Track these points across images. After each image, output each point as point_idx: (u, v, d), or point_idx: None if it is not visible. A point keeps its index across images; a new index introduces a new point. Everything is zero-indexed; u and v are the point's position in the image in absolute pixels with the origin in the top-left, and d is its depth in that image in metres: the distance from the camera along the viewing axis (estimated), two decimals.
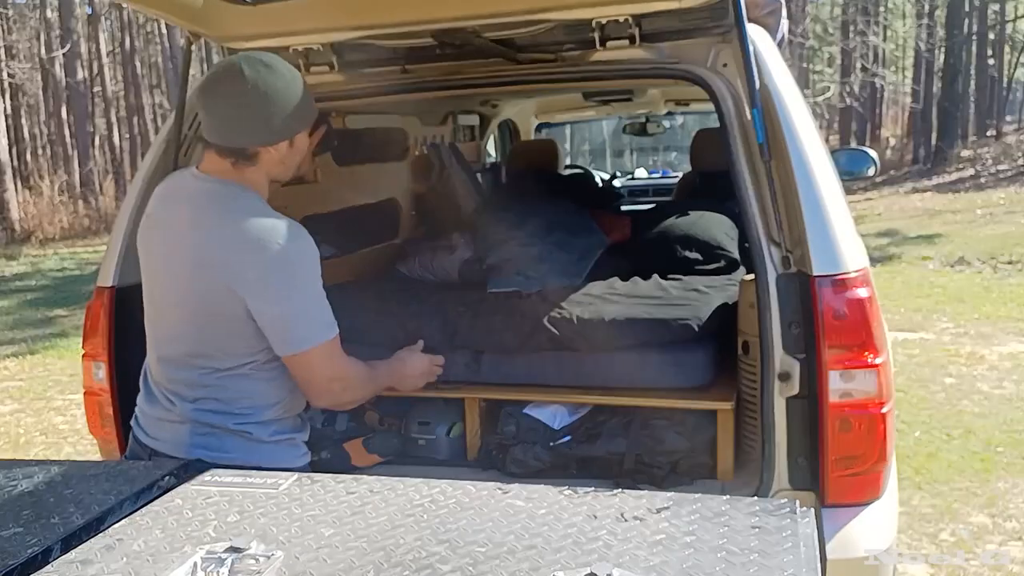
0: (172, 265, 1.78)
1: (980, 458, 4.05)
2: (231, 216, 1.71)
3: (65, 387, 6.27)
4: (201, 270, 1.71)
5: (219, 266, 1.69)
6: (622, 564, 1.09)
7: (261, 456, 1.77)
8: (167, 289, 1.80)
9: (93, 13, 24.33)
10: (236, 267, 1.68)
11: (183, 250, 1.75)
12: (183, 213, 1.77)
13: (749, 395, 2.22)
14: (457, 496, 1.34)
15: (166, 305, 1.81)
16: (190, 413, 1.77)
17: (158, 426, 1.84)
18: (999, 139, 22.74)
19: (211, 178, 1.76)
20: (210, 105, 1.72)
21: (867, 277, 1.88)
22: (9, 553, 1.17)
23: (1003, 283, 8.26)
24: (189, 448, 1.76)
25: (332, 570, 1.11)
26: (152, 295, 1.85)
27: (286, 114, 1.72)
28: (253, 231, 1.69)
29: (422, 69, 2.38)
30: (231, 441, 1.77)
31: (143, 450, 1.85)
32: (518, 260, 2.76)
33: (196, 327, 1.75)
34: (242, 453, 1.76)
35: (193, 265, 1.72)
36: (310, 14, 2.14)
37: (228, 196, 1.74)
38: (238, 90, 1.67)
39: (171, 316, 1.80)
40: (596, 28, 2.15)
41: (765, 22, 2.37)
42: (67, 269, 13.08)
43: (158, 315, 1.84)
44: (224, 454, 1.75)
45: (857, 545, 1.85)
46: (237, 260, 1.68)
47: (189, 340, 1.77)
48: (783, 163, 1.94)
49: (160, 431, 1.83)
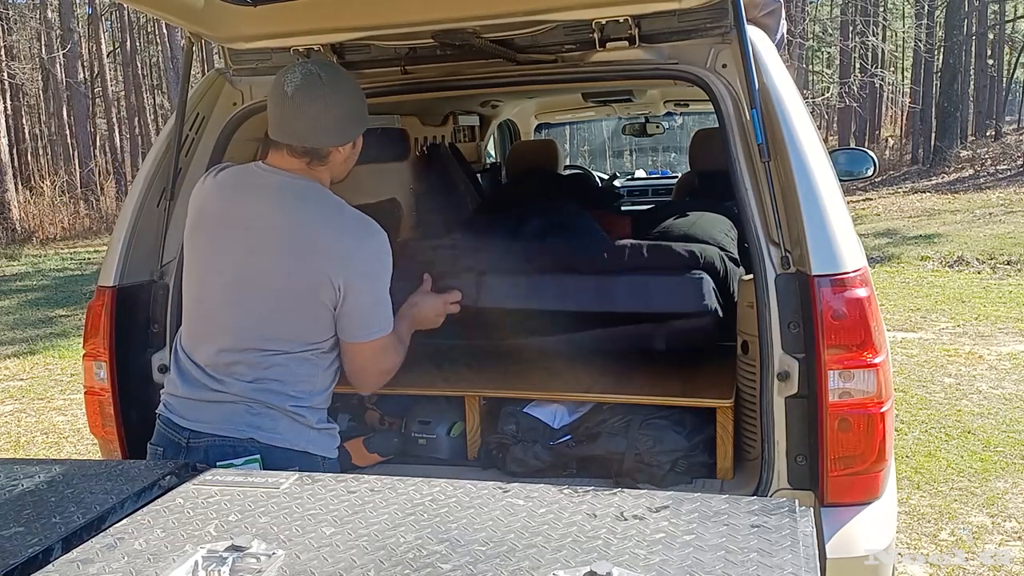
0: (256, 250, 1.84)
1: (979, 458, 4.05)
2: (327, 206, 1.84)
3: (66, 387, 6.27)
4: (297, 255, 1.80)
5: (322, 252, 1.80)
6: (622, 563, 1.09)
7: (308, 441, 1.85)
8: (245, 274, 1.84)
9: (93, 13, 24.35)
10: (341, 253, 1.80)
11: (272, 236, 1.82)
12: (268, 202, 1.85)
13: (748, 394, 2.22)
14: (457, 495, 1.34)
15: (241, 289, 1.85)
16: (249, 392, 1.82)
17: (201, 408, 1.86)
18: (998, 139, 22.75)
19: (286, 172, 1.86)
20: (290, 107, 1.81)
21: (866, 277, 1.89)
22: (10, 552, 1.17)
23: (1002, 283, 8.26)
24: (241, 427, 1.81)
25: (333, 569, 1.12)
26: (213, 281, 1.89)
27: (354, 116, 1.89)
28: (356, 222, 1.85)
29: (422, 70, 2.39)
30: (284, 422, 1.83)
31: (179, 434, 1.86)
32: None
33: (277, 310, 1.82)
34: (292, 435, 1.83)
35: (286, 251, 1.81)
36: (311, 15, 2.15)
37: (312, 189, 1.85)
38: (319, 94, 1.80)
39: (247, 299, 1.84)
40: (596, 29, 2.15)
41: (764, 23, 2.37)
42: (68, 269, 13.08)
43: (226, 298, 1.87)
44: (276, 435, 1.81)
45: (856, 545, 1.85)
46: (343, 247, 1.81)
47: (266, 323, 1.83)
48: (782, 163, 1.94)
49: (204, 413, 1.85)
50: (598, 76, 2.31)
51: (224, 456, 1.80)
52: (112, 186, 19.61)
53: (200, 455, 1.82)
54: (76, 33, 21.40)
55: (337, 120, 1.85)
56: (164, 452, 1.88)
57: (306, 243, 1.80)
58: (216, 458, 1.79)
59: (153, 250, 2.39)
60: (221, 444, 1.82)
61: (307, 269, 1.80)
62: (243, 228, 1.86)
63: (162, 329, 2.36)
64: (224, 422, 1.83)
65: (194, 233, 1.95)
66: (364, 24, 2.19)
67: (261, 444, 1.81)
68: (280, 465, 1.79)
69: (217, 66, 2.59)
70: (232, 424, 1.82)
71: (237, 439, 1.81)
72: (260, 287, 1.83)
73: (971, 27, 23.30)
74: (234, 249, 1.86)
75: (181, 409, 1.89)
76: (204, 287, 1.92)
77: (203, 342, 1.90)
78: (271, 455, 1.81)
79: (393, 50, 2.35)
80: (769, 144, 1.94)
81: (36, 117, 27.86)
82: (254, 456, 1.80)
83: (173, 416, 1.90)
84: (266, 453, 1.81)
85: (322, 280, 1.80)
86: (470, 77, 2.37)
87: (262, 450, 1.81)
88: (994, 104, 26.18)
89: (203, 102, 2.48)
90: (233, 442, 1.81)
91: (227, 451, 1.81)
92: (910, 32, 26.83)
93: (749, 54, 1.95)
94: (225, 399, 1.84)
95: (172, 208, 2.40)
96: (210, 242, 1.91)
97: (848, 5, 23.87)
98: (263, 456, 1.80)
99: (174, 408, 1.90)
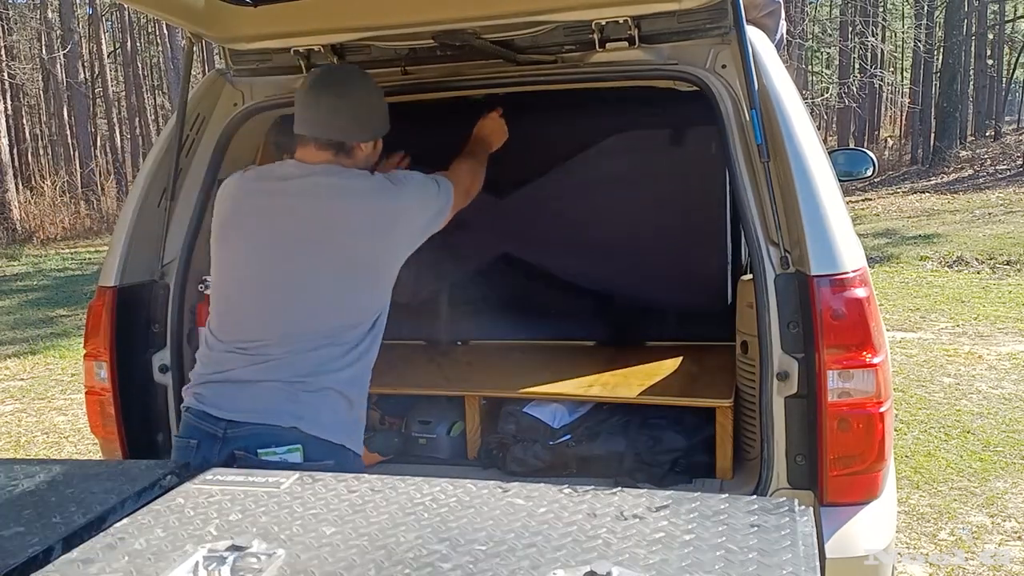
0: (292, 242, 1.90)
1: (979, 458, 4.06)
2: (355, 181, 1.93)
3: (66, 387, 6.28)
4: (336, 243, 1.88)
5: (384, 229, 1.90)
6: (622, 562, 1.09)
7: (347, 435, 1.89)
8: (282, 267, 1.90)
9: (94, 13, 24.34)
10: (384, 222, 1.90)
11: (309, 227, 1.89)
12: (300, 194, 1.92)
13: (748, 394, 2.23)
14: (458, 495, 1.35)
15: (278, 282, 1.90)
16: (291, 379, 1.84)
17: (240, 396, 1.86)
18: (997, 139, 22.73)
19: (319, 165, 1.94)
20: (316, 103, 1.94)
21: (865, 277, 1.89)
22: (10, 552, 1.17)
23: (1001, 283, 8.26)
24: (283, 415, 1.82)
25: (333, 568, 1.12)
26: (249, 273, 1.94)
27: (376, 115, 2.01)
28: (381, 185, 1.95)
29: (423, 70, 2.39)
30: (326, 414, 1.85)
31: (215, 425, 1.85)
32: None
33: (314, 302, 1.87)
34: (333, 428, 1.86)
35: (324, 240, 1.88)
36: (311, 15, 2.15)
37: (337, 171, 1.93)
38: (344, 91, 1.95)
39: (285, 292, 1.89)
40: (596, 30, 2.16)
41: (763, 23, 2.37)
42: (68, 269, 13.08)
43: (264, 291, 1.91)
44: (317, 425, 1.83)
45: (856, 544, 1.85)
46: (404, 221, 1.93)
47: (304, 315, 1.87)
48: (782, 164, 1.94)
49: (243, 401, 1.86)
50: (598, 77, 2.32)
51: (266, 444, 1.81)
52: (113, 186, 19.59)
53: (240, 444, 1.82)
54: (76, 33, 21.40)
55: (360, 115, 1.96)
56: (199, 445, 1.86)
57: (346, 229, 1.88)
58: (257, 446, 1.81)
59: (154, 250, 2.39)
60: (263, 432, 1.82)
61: (364, 248, 1.89)
62: (279, 220, 1.91)
63: (163, 329, 2.37)
64: (266, 411, 1.83)
65: (225, 229, 1.99)
66: (364, 24, 2.19)
67: (303, 433, 1.82)
68: (318, 457, 1.81)
69: (217, 66, 2.59)
70: (274, 412, 1.83)
71: (280, 427, 1.81)
72: (296, 279, 1.88)
73: (971, 27, 23.29)
74: (270, 242, 1.91)
75: (216, 399, 1.88)
76: (241, 279, 1.95)
77: (242, 332, 1.91)
78: (310, 446, 1.82)
79: (393, 51, 2.35)
80: (769, 144, 1.95)
81: (36, 117, 27.84)
82: (296, 445, 1.81)
83: (207, 407, 1.88)
84: (307, 443, 1.82)
85: (391, 255, 1.92)
86: (470, 77, 2.38)
87: (304, 440, 1.82)
88: (994, 104, 26.18)
89: (203, 103, 2.48)
90: (276, 430, 1.82)
91: (269, 439, 1.82)
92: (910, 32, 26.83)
93: (749, 55, 1.95)
94: (267, 387, 1.85)
95: (172, 208, 2.41)
96: (245, 237, 1.95)
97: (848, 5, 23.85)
98: (304, 446, 1.82)
99: (207, 399, 1.89)
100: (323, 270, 1.87)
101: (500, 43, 2.24)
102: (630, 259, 2.86)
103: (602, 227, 2.89)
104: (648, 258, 2.86)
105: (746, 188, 2.00)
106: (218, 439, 1.84)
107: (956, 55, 20.51)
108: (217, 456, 1.82)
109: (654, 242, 2.87)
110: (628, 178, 2.88)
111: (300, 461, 1.81)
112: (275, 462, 1.80)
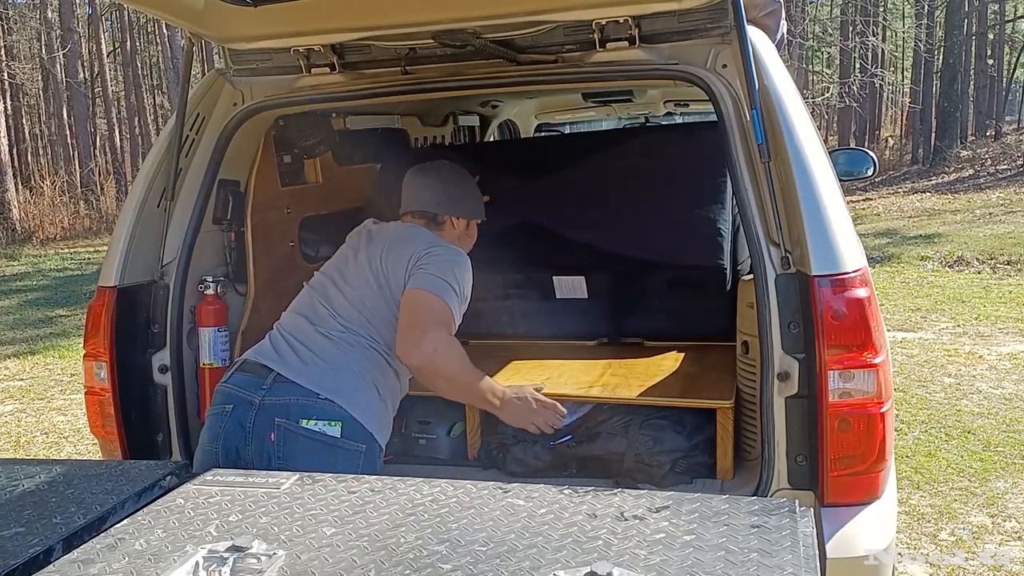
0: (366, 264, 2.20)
1: (979, 458, 4.06)
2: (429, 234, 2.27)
3: (66, 387, 6.28)
4: (394, 263, 2.15)
5: (409, 255, 2.15)
6: (622, 563, 1.09)
7: (378, 426, 2.02)
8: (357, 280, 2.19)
9: (94, 13, 24.34)
10: (422, 252, 2.14)
11: (379, 256, 2.18)
12: (387, 236, 2.26)
13: (749, 394, 2.23)
14: (458, 495, 1.34)
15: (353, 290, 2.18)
16: (340, 358, 2.05)
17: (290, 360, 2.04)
18: (998, 139, 22.74)
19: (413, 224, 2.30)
20: (416, 181, 2.34)
21: (866, 277, 1.89)
22: (11, 553, 1.18)
23: (1002, 283, 8.26)
24: (326, 385, 1.97)
25: (334, 569, 1.12)
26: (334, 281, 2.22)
27: (468, 198, 2.36)
28: (445, 245, 2.22)
29: (423, 70, 2.39)
30: (364, 396, 2.01)
31: (255, 388, 1.99)
32: None
33: (371, 309, 2.13)
34: (369, 413, 2.00)
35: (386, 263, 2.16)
36: (311, 15, 2.15)
37: (419, 229, 2.27)
38: (443, 170, 2.35)
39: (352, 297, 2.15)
40: (596, 29, 2.15)
41: (764, 23, 2.37)
42: (68, 269, 13.08)
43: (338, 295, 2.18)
44: (356, 405, 1.98)
45: (856, 545, 1.85)
46: (426, 252, 2.14)
47: (361, 318, 2.12)
48: (782, 163, 1.94)
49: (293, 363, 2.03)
50: (598, 76, 2.32)
51: (307, 415, 1.92)
52: (112, 186, 19.61)
53: (280, 412, 1.93)
54: (76, 33, 21.40)
55: (452, 195, 2.31)
56: (233, 409, 1.98)
57: (401, 254, 2.14)
58: (300, 416, 1.92)
59: (153, 250, 2.39)
60: (302, 404, 1.93)
61: (396, 270, 2.12)
62: (365, 250, 2.23)
63: (162, 329, 2.37)
64: (309, 374, 1.99)
65: (338, 253, 2.32)
66: (364, 24, 2.19)
67: (340, 409, 1.94)
68: (353, 437, 1.94)
69: (217, 66, 2.59)
70: (317, 379, 1.98)
71: (317, 395, 1.94)
72: (364, 289, 2.14)
73: (971, 27, 23.30)
74: (365, 261, 2.20)
75: (270, 355, 2.06)
76: (335, 280, 2.21)
77: (317, 315, 2.13)
78: (348, 425, 1.94)
79: (393, 50, 2.35)
80: (769, 144, 1.95)
81: (36, 117, 27.85)
82: (336, 420, 1.93)
83: (261, 358, 2.05)
84: (345, 421, 1.94)
85: (401, 271, 2.10)
86: (470, 77, 2.38)
87: (343, 417, 1.93)
88: (994, 104, 26.19)
89: (203, 102, 2.48)
90: (314, 400, 1.94)
91: (309, 411, 1.93)
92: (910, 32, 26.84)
93: (749, 54, 1.95)
94: (319, 350, 2.04)
95: (172, 208, 2.41)
96: (351, 255, 2.25)
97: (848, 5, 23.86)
98: (342, 423, 1.93)
99: (264, 352, 2.08)
100: (374, 288, 2.13)
101: (500, 43, 2.24)
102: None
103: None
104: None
105: (747, 188, 2.00)
106: (254, 406, 1.95)
107: (956, 55, 20.52)
108: (251, 423, 1.93)
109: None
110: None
111: (337, 436, 1.92)
112: (315, 431, 1.91)
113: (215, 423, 2.00)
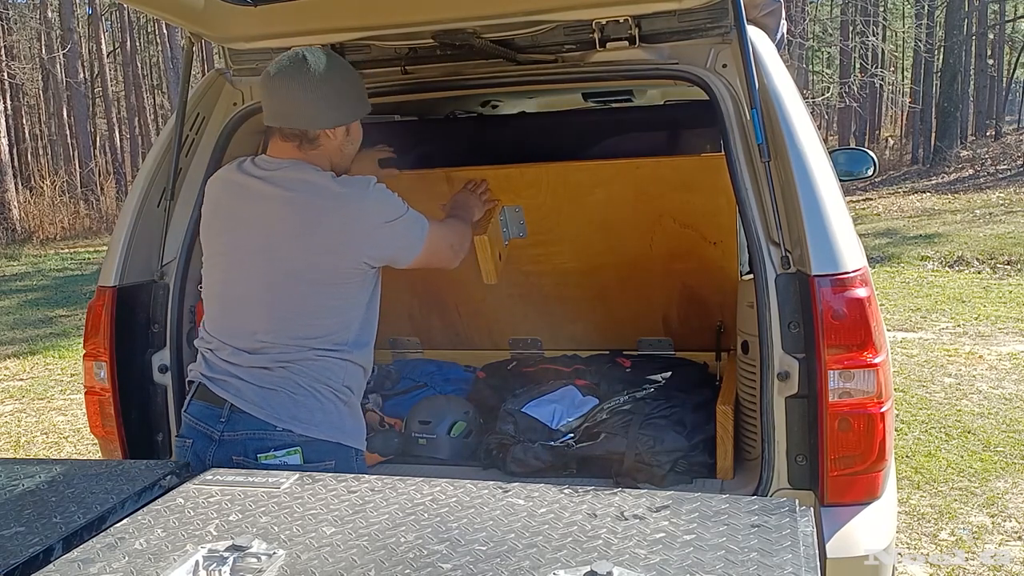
0: (267, 248, 1.85)
1: (979, 458, 4.05)
2: (317, 186, 1.84)
3: (66, 387, 6.28)
4: (311, 250, 1.82)
5: (335, 238, 1.82)
6: (622, 563, 1.09)
7: (344, 433, 1.88)
8: (262, 272, 1.86)
9: (93, 13, 24.34)
10: (351, 231, 1.83)
11: (279, 232, 1.84)
12: (266, 198, 1.86)
13: (749, 394, 2.23)
14: (458, 495, 1.34)
15: (261, 287, 1.87)
16: (286, 376, 1.85)
17: (240, 383, 1.85)
18: (998, 139, 22.73)
19: (279, 161, 1.88)
20: (275, 89, 1.85)
21: (866, 277, 1.89)
22: (11, 552, 1.17)
23: (1002, 283, 8.26)
24: (280, 414, 1.83)
25: (334, 569, 1.12)
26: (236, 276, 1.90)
27: (342, 102, 1.89)
28: (347, 189, 1.84)
29: (422, 70, 2.39)
30: (318, 414, 1.85)
31: (212, 422, 1.84)
32: None
33: (299, 306, 1.85)
34: (327, 427, 1.86)
35: (296, 246, 1.82)
36: (311, 15, 2.15)
37: (299, 169, 1.85)
38: (302, 75, 1.82)
39: (270, 296, 1.86)
40: (596, 29, 2.15)
41: (764, 23, 2.37)
42: (68, 269, 13.08)
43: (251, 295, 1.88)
44: (312, 426, 1.83)
45: (856, 544, 1.85)
46: (351, 225, 1.82)
47: (290, 319, 1.85)
48: (782, 163, 1.94)
49: (245, 389, 1.85)
50: (598, 76, 2.32)
51: (264, 448, 1.80)
52: (112, 186, 19.61)
53: (238, 448, 1.81)
54: (76, 33, 21.41)
55: (321, 102, 1.84)
56: (193, 444, 1.86)
57: (315, 235, 1.81)
58: (256, 450, 1.80)
59: (153, 250, 2.39)
60: (260, 438, 1.81)
61: (326, 260, 1.82)
62: (253, 225, 1.88)
63: (162, 329, 2.37)
64: (264, 404, 1.82)
65: (210, 228, 1.98)
66: (364, 24, 2.19)
67: (298, 436, 1.81)
68: (317, 458, 1.81)
69: (217, 66, 2.59)
70: (271, 409, 1.81)
71: (274, 428, 1.80)
72: (276, 284, 1.85)
73: (971, 27, 23.29)
74: (249, 247, 1.88)
75: (223, 384, 1.87)
76: (229, 281, 1.93)
77: (237, 333, 1.89)
78: (308, 448, 1.82)
79: (393, 50, 2.35)
80: (769, 144, 1.95)
81: (36, 117, 27.85)
82: (294, 448, 1.81)
83: (213, 386, 1.86)
84: (304, 446, 1.81)
85: (351, 263, 1.84)
86: (470, 77, 2.38)
87: (300, 442, 1.81)
88: (994, 104, 26.19)
89: (203, 102, 2.48)
90: (271, 432, 1.81)
91: (267, 444, 1.81)
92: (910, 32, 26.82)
93: (749, 54, 1.95)
94: (265, 381, 1.84)
95: (172, 208, 2.41)
96: (227, 239, 1.93)
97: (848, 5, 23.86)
98: (302, 448, 1.81)
99: (216, 380, 1.88)
100: (296, 277, 1.83)
101: (500, 43, 2.24)
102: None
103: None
104: None
105: (747, 188, 2.00)
106: (213, 441, 1.84)
107: (956, 55, 20.52)
108: (211, 458, 1.82)
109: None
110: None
111: (300, 463, 1.80)
112: (275, 465, 1.80)
113: (179, 454, 1.92)
